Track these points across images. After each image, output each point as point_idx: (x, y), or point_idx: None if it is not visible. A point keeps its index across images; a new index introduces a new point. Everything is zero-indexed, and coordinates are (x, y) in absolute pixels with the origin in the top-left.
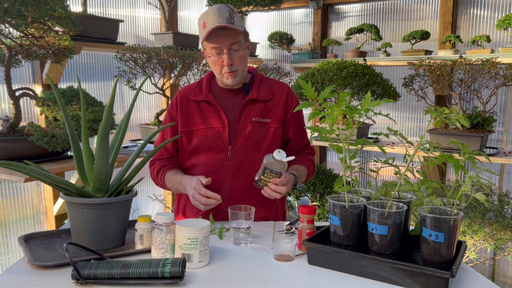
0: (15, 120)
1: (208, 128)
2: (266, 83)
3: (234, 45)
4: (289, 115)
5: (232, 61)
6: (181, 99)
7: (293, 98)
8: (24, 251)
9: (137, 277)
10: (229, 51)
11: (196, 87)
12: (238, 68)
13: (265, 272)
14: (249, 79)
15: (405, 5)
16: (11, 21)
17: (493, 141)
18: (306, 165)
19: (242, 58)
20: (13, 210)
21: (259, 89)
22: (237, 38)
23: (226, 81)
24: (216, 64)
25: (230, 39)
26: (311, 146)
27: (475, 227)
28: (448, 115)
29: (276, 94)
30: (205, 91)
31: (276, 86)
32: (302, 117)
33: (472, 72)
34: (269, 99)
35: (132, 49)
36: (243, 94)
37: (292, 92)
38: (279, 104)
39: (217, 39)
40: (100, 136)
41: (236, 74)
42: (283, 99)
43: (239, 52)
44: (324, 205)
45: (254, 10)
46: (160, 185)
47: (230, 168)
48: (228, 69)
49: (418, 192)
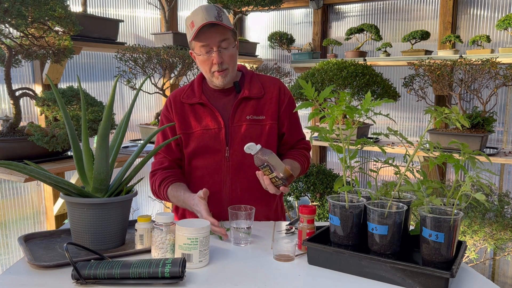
0: (15, 120)
1: (204, 130)
2: (257, 80)
3: (224, 42)
4: (282, 109)
5: (222, 59)
6: (175, 103)
7: (285, 93)
8: (24, 251)
9: (137, 277)
10: (219, 49)
11: (188, 90)
12: (228, 66)
13: (265, 272)
14: (240, 77)
15: (405, 5)
16: (11, 21)
17: (493, 141)
18: (300, 162)
19: (232, 57)
20: (13, 210)
21: (250, 86)
22: (226, 35)
23: (216, 81)
24: (205, 63)
25: (219, 36)
26: (306, 141)
27: (475, 227)
28: (448, 115)
29: (268, 90)
30: (197, 93)
31: (267, 82)
32: (296, 112)
33: (472, 72)
34: (261, 96)
35: (132, 49)
36: (235, 93)
37: (284, 86)
38: (272, 100)
39: (206, 36)
40: (100, 136)
41: (226, 74)
42: (275, 95)
43: (229, 50)
44: (324, 205)
45: (254, 10)
46: (162, 199)
47: (229, 168)
48: (218, 67)
49: (418, 192)
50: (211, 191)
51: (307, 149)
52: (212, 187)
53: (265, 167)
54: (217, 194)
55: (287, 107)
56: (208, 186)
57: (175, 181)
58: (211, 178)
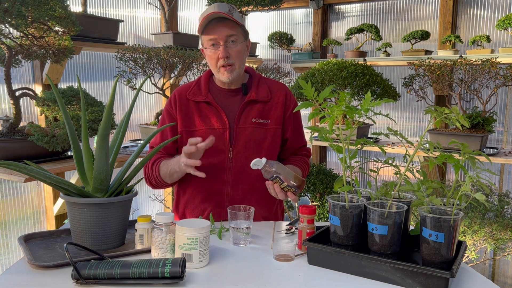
0: (15, 120)
1: (209, 129)
2: (264, 84)
3: (232, 37)
4: (287, 115)
5: (228, 53)
6: (180, 99)
7: (291, 99)
8: (24, 251)
9: (137, 277)
10: (226, 43)
11: (195, 87)
12: (235, 62)
13: (265, 272)
14: (247, 80)
15: (405, 5)
16: (11, 21)
17: (493, 141)
18: (301, 168)
19: (239, 53)
20: (13, 210)
21: (257, 89)
22: (235, 31)
23: (222, 77)
24: (212, 58)
25: (228, 30)
26: (307, 148)
27: (475, 227)
28: (448, 115)
29: (274, 94)
30: (204, 91)
31: (274, 86)
32: (300, 118)
33: (472, 72)
34: (268, 100)
35: (132, 49)
36: (242, 95)
37: (290, 93)
38: (278, 105)
39: (214, 30)
40: (100, 136)
41: (233, 69)
42: (281, 100)
43: (236, 46)
44: (324, 205)
45: (254, 10)
46: (154, 179)
47: (232, 169)
48: (224, 61)
49: (418, 192)
50: (213, 191)
51: (308, 156)
52: (214, 187)
53: (275, 178)
54: (219, 195)
55: (292, 113)
56: (210, 186)
57: (167, 157)
58: (213, 178)
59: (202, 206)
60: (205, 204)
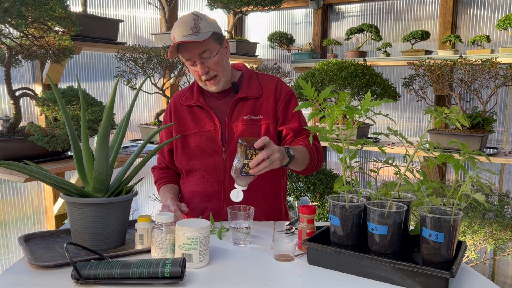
0: (15, 120)
1: (201, 132)
2: (255, 80)
3: (205, 53)
4: (279, 105)
5: (207, 69)
6: (175, 106)
7: (282, 88)
8: (24, 251)
9: (137, 277)
10: (201, 60)
11: (188, 92)
12: (217, 73)
13: (265, 272)
14: (238, 77)
15: (405, 5)
16: (11, 21)
17: (493, 141)
18: (303, 144)
19: (217, 63)
20: (13, 210)
21: (248, 86)
22: (205, 46)
23: (210, 88)
24: (194, 74)
25: (198, 49)
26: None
27: (475, 227)
28: (448, 115)
29: (265, 88)
30: (196, 95)
31: (265, 80)
32: (295, 105)
33: (472, 72)
34: (259, 95)
35: (132, 49)
36: (233, 93)
37: (281, 82)
38: (269, 99)
39: (186, 51)
40: (100, 136)
41: (218, 80)
42: (272, 93)
43: (212, 59)
44: (324, 205)
45: (254, 10)
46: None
47: (226, 169)
48: (206, 77)
49: (418, 192)
50: (211, 191)
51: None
52: (211, 187)
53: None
54: (216, 195)
55: (283, 102)
56: (207, 187)
57: (167, 182)
58: (209, 178)
59: (201, 206)
60: (204, 204)
